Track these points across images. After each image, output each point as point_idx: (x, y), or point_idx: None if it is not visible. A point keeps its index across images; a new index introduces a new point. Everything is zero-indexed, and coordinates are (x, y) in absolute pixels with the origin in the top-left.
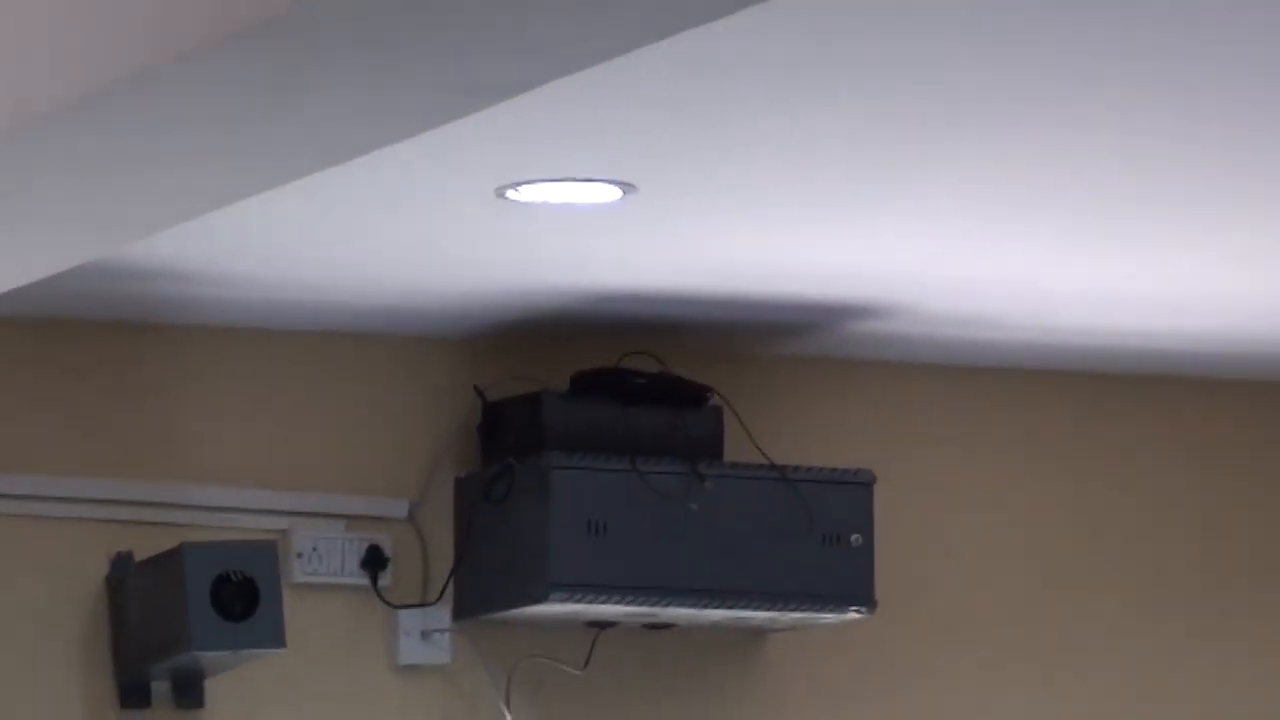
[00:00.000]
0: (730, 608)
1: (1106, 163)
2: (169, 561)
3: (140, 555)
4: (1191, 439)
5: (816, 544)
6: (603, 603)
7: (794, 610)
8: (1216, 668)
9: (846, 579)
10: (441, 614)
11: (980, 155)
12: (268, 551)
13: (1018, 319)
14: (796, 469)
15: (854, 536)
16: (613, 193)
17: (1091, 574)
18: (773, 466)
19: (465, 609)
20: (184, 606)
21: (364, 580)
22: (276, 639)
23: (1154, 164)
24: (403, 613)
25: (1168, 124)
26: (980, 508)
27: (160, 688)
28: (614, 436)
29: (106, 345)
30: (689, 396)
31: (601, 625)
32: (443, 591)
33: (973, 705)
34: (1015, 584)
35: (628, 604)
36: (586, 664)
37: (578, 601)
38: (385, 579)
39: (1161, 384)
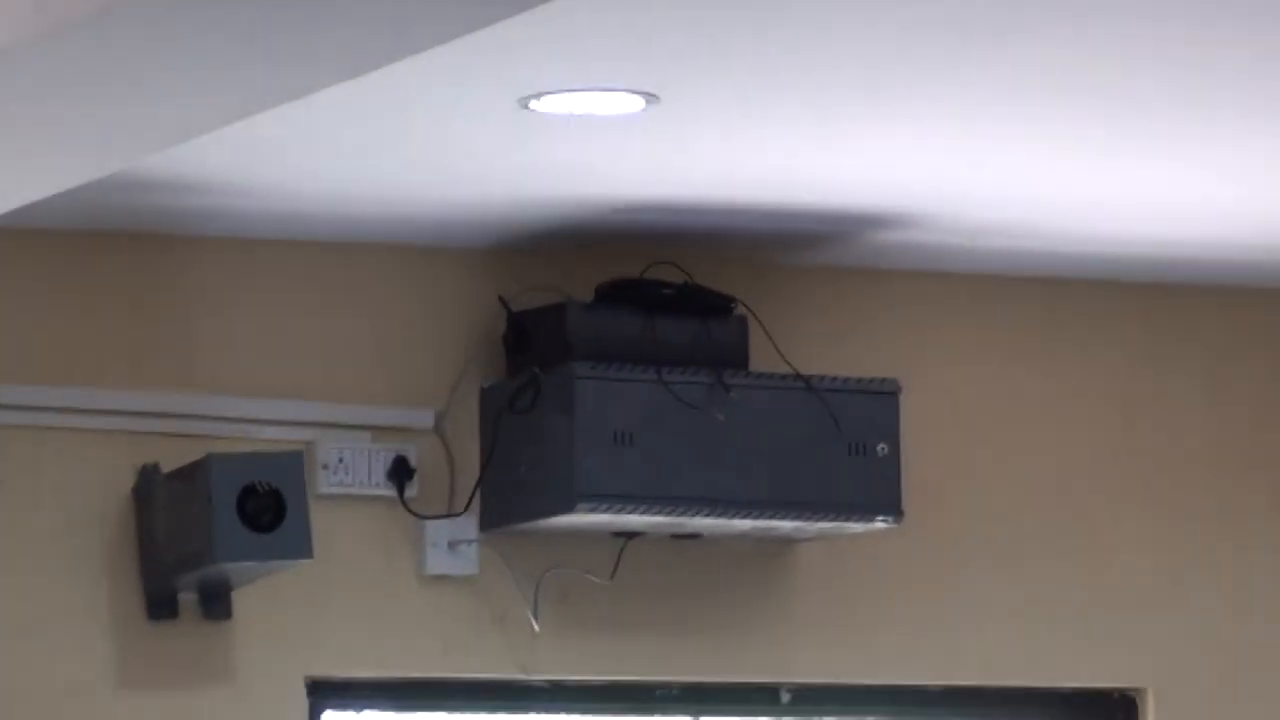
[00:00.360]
0: (757, 518)
1: (1136, 68)
2: (195, 473)
3: (167, 467)
4: (1218, 347)
5: (843, 454)
6: (629, 513)
7: (821, 520)
8: (1241, 574)
9: (873, 488)
10: (468, 524)
11: (1006, 62)
12: (294, 461)
13: (1043, 228)
14: (822, 379)
15: (880, 446)
16: (636, 103)
17: (1118, 482)
18: (798, 376)
19: (492, 520)
20: (210, 518)
21: (390, 491)
22: (303, 549)
23: (1189, 70)
24: (429, 523)
25: (1198, 30)
26: (1006, 416)
27: (187, 599)
28: (639, 347)
29: (131, 257)
30: (714, 306)
31: (628, 535)
32: (469, 502)
33: (999, 613)
34: (1041, 492)
35: (654, 514)
36: (614, 574)
37: (604, 512)
38: (411, 490)
39: (1190, 292)
